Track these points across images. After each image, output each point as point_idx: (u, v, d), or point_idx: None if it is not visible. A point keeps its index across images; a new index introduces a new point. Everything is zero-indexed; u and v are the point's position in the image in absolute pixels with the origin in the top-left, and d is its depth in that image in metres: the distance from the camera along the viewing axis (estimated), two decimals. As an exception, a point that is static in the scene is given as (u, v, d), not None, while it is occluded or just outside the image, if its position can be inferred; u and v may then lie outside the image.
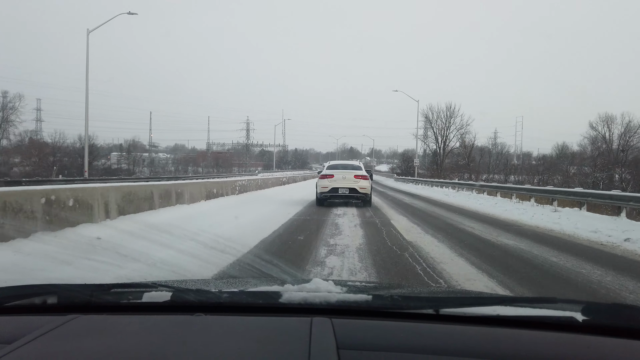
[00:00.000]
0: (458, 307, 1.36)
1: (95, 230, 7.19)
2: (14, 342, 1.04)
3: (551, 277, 5.41)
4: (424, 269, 5.59)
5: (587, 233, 9.17)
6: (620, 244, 7.90)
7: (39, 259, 5.26)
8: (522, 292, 4.66)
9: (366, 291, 1.64)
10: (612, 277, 5.38)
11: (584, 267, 5.94)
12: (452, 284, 5.02)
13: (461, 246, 7.42)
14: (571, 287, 4.95)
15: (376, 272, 5.39)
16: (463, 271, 5.56)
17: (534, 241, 8.23)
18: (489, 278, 5.21)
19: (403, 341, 1.09)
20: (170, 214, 10.18)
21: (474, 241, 8.18)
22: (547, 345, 1.10)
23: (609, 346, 1.10)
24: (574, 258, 6.59)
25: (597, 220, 11.08)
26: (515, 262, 6.26)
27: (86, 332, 1.14)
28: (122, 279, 4.37)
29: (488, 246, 7.68)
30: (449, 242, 7.90)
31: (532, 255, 6.81)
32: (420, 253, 6.66)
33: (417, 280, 5.11)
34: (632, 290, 4.79)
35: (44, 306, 1.37)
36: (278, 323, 1.21)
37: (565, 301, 1.47)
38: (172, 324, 1.20)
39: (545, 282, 5.16)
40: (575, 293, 4.67)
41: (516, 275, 5.41)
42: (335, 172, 15.02)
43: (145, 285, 1.48)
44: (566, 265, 6.08)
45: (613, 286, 4.92)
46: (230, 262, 5.50)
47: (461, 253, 6.80)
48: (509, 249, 7.41)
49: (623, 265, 6.14)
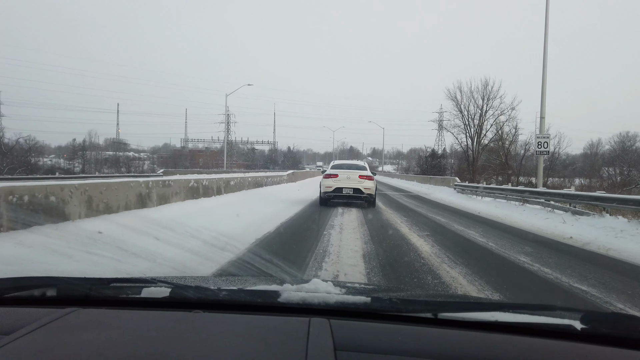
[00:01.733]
0: (456, 312, 1.36)
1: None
2: (12, 334, 1.05)
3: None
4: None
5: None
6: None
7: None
8: None
9: (365, 293, 1.64)
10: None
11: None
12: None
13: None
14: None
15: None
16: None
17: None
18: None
19: (400, 344, 1.09)
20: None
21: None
22: (545, 353, 1.09)
23: (607, 355, 1.10)
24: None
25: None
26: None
27: (85, 325, 1.14)
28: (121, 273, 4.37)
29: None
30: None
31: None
32: None
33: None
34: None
35: (43, 298, 1.38)
36: (276, 322, 1.21)
37: (565, 309, 1.46)
38: (171, 320, 1.20)
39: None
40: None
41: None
42: (340, 171, 14.86)
43: (144, 281, 1.48)
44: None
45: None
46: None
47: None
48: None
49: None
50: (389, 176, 69.24)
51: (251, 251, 6.50)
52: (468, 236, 9.24)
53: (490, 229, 10.73)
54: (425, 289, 4.81)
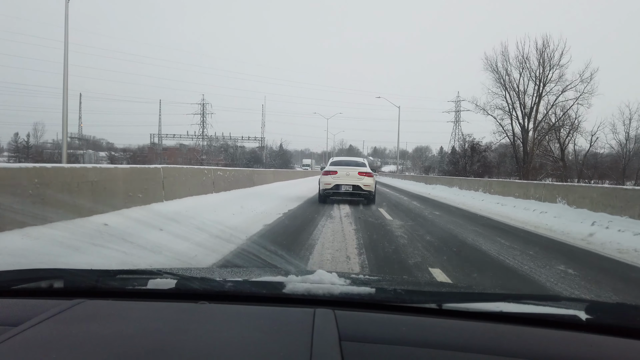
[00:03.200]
0: (461, 302, 1.36)
1: None
2: (20, 325, 1.06)
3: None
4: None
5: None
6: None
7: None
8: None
9: (369, 284, 1.64)
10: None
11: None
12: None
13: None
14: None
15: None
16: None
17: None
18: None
19: (405, 334, 1.09)
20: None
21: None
22: (550, 343, 1.10)
23: (612, 346, 1.10)
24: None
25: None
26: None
27: (92, 316, 1.15)
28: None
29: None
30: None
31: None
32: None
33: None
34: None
35: (50, 290, 1.39)
36: (281, 313, 1.21)
37: (569, 299, 1.46)
38: (177, 311, 1.21)
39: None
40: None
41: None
42: (339, 168, 14.70)
43: (150, 272, 1.49)
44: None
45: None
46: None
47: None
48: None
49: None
50: (401, 178, 51.91)
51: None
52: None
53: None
54: (429, 280, 4.83)
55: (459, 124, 56.13)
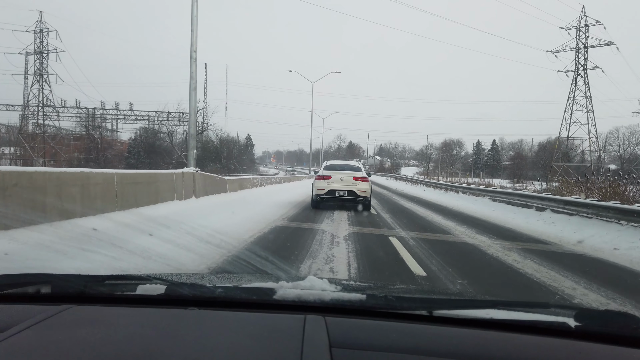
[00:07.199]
0: (451, 309, 1.36)
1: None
2: (6, 331, 1.04)
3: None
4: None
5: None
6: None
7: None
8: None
9: (360, 290, 1.64)
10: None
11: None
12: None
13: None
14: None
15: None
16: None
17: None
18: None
19: (395, 341, 1.09)
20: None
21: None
22: (539, 350, 1.10)
23: (600, 353, 1.11)
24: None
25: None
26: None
27: (79, 322, 1.14)
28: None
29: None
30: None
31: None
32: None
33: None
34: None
35: (37, 295, 1.37)
36: (271, 320, 1.21)
37: (559, 306, 1.47)
38: (166, 317, 1.20)
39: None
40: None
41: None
42: (333, 172, 14.32)
43: (139, 278, 1.48)
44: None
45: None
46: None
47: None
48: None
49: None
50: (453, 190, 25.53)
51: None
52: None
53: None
54: (420, 287, 4.84)
55: (586, 77, 26.31)
